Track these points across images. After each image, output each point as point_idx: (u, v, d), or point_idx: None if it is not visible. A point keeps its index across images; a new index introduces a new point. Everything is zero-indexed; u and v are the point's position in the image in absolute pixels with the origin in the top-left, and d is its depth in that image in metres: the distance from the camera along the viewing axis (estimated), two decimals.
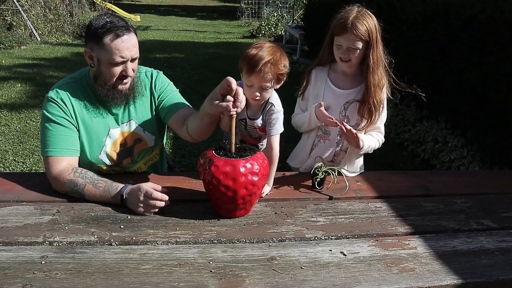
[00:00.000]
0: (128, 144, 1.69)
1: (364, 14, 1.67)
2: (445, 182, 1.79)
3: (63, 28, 9.47)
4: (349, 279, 1.14)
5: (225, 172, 1.33)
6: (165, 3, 19.98)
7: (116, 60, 1.50)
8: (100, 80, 1.56)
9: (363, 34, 1.65)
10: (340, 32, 1.67)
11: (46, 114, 1.57)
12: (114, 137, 1.66)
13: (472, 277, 1.17)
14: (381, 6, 4.51)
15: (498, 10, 3.10)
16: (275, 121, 1.63)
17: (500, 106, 3.03)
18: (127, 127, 1.67)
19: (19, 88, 5.56)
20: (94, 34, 1.49)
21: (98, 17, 1.52)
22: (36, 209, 1.42)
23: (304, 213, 1.48)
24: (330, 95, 1.81)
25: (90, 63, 1.56)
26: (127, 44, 1.50)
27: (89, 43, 1.53)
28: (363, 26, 1.64)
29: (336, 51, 1.73)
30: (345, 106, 1.81)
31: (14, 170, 3.43)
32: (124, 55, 1.50)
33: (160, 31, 11.43)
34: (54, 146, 1.55)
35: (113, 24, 1.48)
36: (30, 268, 1.13)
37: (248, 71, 1.53)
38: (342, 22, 1.65)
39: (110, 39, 1.47)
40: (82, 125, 1.60)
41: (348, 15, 1.66)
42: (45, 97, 1.59)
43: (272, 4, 12.06)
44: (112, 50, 1.48)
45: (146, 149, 1.73)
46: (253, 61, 1.51)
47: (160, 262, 1.18)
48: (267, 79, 1.53)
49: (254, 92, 1.56)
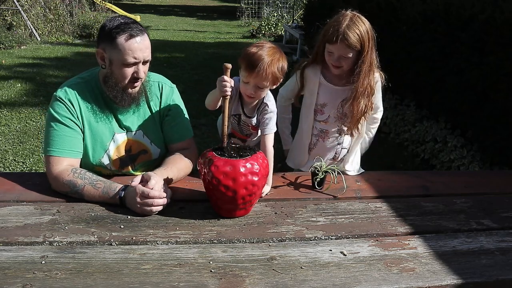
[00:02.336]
0: (132, 152, 1.68)
1: (356, 21, 1.63)
2: (445, 182, 1.79)
3: (63, 28, 9.46)
4: (349, 279, 1.14)
5: (225, 172, 1.33)
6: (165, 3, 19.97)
7: (128, 60, 1.50)
8: (111, 81, 1.55)
9: (355, 44, 1.62)
10: (332, 41, 1.64)
11: (53, 113, 1.57)
12: (118, 142, 1.65)
13: (472, 277, 1.17)
14: (381, 6, 4.52)
15: (498, 10, 3.10)
16: (269, 121, 1.66)
17: (500, 106, 3.03)
18: (134, 135, 1.67)
19: (19, 88, 5.56)
20: (108, 34, 1.49)
21: (112, 19, 1.53)
22: (36, 209, 1.42)
23: (304, 213, 1.48)
24: (326, 92, 1.80)
25: (101, 64, 1.56)
26: (141, 45, 1.50)
27: (101, 44, 1.53)
28: (355, 36, 1.61)
29: (327, 57, 1.71)
30: (342, 103, 1.80)
31: (14, 170, 3.43)
32: (137, 56, 1.50)
33: (160, 31, 11.43)
34: (57, 146, 1.55)
35: (127, 25, 1.49)
36: (30, 268, 1.13)
37: (247, 69, 1.56)
38: (334, 31, 1.62)
39: (124, 39, 1.48)
40: (87, 127, 1.60)
41: (340, 23, 1.63)
42: (53, 95, 1.59)
43: (272, 4, 12.06)
44: (125, 50, 1.48)
45: (149, 160, 1.72)
46: (253, 60, 1.54)
47: (160, 262, 1.18)
48: (263, 79, 1.56)
49: (249, 89, 1.59)
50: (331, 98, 1.80)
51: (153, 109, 1.69)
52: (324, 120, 1.84)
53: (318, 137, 1.87)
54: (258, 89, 1.59)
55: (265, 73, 1.54)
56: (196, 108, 4.74)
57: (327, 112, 1.82)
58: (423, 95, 4.06)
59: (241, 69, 1.60)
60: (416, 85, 4.07)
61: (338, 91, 1.79)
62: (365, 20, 1.66)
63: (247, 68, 1.56)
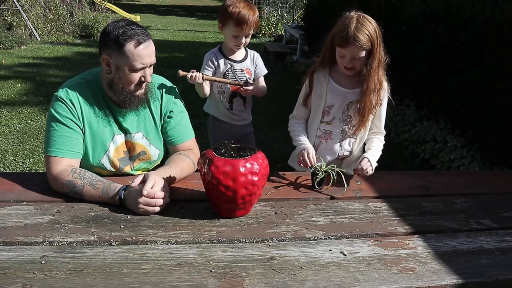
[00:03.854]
0: (131, 153, 1.68)
1: (363, 21, 1.65)
2: (445, 182, 1.79)
3: (63, 28, 9.47)
4: (349, 279, 1.14)
5: (225, 172, 1.33)
6: (165, 3, 19.97)
7: (137, 66, 1.52)
8: (118, 86, 1.56)
9: (366, 44, 1.65)
10: (343, 45, 1.66)
11: (54, 113, 1.56)
12: (118, 143, 1.65)
13: (472, 277, 1.17)
14: (381, 6, 4.52)
15: (498, 10, 3.10)
16: (262, 63, 2.26)
17: (500, 106, 3.03)
18: (134, 137, 1.67)
19: (19, 88, 5.56)
20: (115, 41, 1.49)
21: (114, 24, 1.53)
22: (36, 209, 1.42)
23: (304, 213, 1.48)
24: (334, 94, 1.82)
25: (107, 70, 1.56)
26: (148, 51, 1.53)
27: (106, 50, 1.53)
28: (365, 36, 1.63)
29: (339, 60, 1.73)
30: (348, 105, 1.81)
31: (14, 170, 3.43)
32: (145, 61, 1.53)
33: (160, 31, 11.43)
34: (57, 146, 1.55)
35: (134, 31, 1.50)
36: (30, 268, 1.13)
37: (237, 26, 2.04)
38: (344, 35, 1.64)
39: (133, 46, 1.49)
40: (88, 128, 1.60)
41: (348, 26, 1.64)
42: (54, 95, 1.59)
43: (272, 4, 12.05)
44: (133, 57, 1.50)
45: (148, 161, 1.72)
46: (239, 18, 2.02)
47: (160, 262, 1.18)
48: (251, 29, 2.08)
49: (240, 40, 2.10)
50: (338, 100, 1.82)
51: (153, 110, 1.69)
52: (329, 122, 1.85)
53: (321, 138, 1.88)
54: (247, 37, 2.11)
55: (253, 25, 2.05)
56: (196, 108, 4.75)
57: (332, 114, 1.84)
58: (423, 95, 4.06)
59: (229, 26, 2.07)
60: (416, 85, 4.07)
61: (346, 93, 1.81)
62: (371, 19, 1.69)
63: (238, 25, 2.04)
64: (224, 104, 2.23)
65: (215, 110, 2.29)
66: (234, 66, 2.17)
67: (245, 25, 2.03)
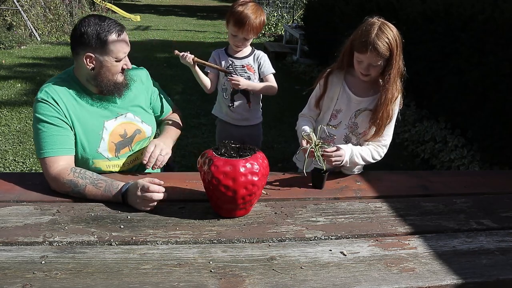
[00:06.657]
0: (127, 134, 1.73)
1: (384, 29, 1.64)
2: (445, 182, 1.79)
3: (63, 28, 9.48)
4: (349, 279, 1.14)
5: (225, 172, 1.33)
6: (165, 3, 19.98)
7: (120, 57, 1.60)
8: (104, 79, 1.60)
9: (385, 52, 1.64)
10: (362, 51, 1.65)
11: (38, 115, 1.57)
12: (111, 128, 1.68)
13: (472, 277, 1.17)
14: (381, 6, 4.52)
15: (498, 10, 3.11)
16: (267, 62, 2.21)
17: (500, 106, 3.03)
18: (125, 118, 1.72)
19: (19, 88, 5.56)
20: (97, 38, 1.54)
21: (86, 23, 1.55)
22: (36, 209, 1.42)
23: (304, 213, 1.48)
24: (345, 99, 1.81)
25: (90, 67, 1.58)
26: (126, 39, 1.62)
27: (87, 49, 1.55)
28: (384, 45, 1.62)
29: (356, 65, 1.73)
30: (356, 113, 1.81)
31: (14, 170, 3.43)
32: (126, 50, 1.62)
33: (160, 31, 11.43)
34: (50, 147, 1.55)
35: (109, 25, 1.56)
36: (30, 268, 1.13)
37: (235, 25, 2.03)
38: (364, 41, 1.63)
39: (114, 37, 1.57)
40: (77, 122, 1.61)
41: (370, 32, 1.63)
42: (35, 99, 1.59)
43: (272, 4, 12.06)
44: (116, 48, 1.58)
45: (144, 139, 1.79)
46: (240, 18, 2.00)
47: (160, 262, 1.18)
48: (250, 32, 2.05)
49: (238, 41, 2.09)
50: (347, 106, 1.82)
51: (137, 91, 1.78)
52: (335, 125, 1.86)
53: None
54: (245, 40, 2.10)
55: (251, 28, 2.02)
56: (196, 108, 4.74)
57: (339, 118, 1.84)
58: (423, 95, 4.06)
59: (230, 24, 2.06)
60: (416, 85, 4.07)
61: (357, 101, 1.81)
62: (392, 27, 1.68)
63: (236, 25, 2.02)
64: (225, 101, 2.25)
65: (219, 111, 2.33)
66: (235, 62, 2.19)
67: (243, 27, 2.02)
